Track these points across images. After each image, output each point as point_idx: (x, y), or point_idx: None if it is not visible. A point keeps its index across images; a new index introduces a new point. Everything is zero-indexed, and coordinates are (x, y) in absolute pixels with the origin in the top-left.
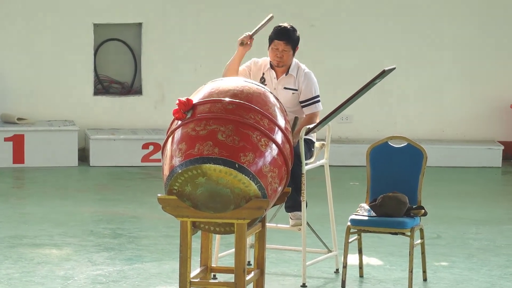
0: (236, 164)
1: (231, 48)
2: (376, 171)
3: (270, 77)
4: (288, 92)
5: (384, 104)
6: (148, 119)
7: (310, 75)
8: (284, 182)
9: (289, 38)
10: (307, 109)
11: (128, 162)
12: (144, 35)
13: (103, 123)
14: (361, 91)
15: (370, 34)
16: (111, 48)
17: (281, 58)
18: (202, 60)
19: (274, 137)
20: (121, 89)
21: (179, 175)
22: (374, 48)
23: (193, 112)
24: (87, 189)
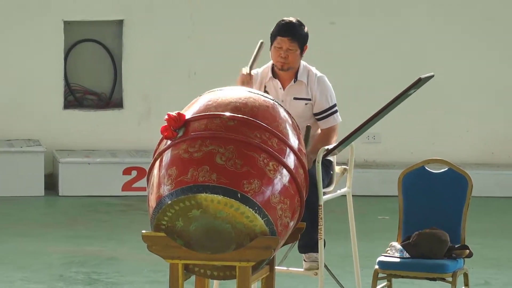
0: (239, 193)
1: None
2: (410, 202)
3: (275, 88)
4: (300, 104)
5: (420, 120)
6: (130, 138)
7: (323, 79)
8: (297, 216)
9: (295, 34)
10: (323, 123)
11: (105, 191)
12: (125, 35)
13: (75, 143)
14: (392, 103)
15: (403, 33)
16: (85, 51)
17: (285, 58)
18: (197, 66)
19: (285, 160)
20: (97, 101)
21: (169, 207)
22: (409, 50)
23: (185, 130)
24: (55, 224)
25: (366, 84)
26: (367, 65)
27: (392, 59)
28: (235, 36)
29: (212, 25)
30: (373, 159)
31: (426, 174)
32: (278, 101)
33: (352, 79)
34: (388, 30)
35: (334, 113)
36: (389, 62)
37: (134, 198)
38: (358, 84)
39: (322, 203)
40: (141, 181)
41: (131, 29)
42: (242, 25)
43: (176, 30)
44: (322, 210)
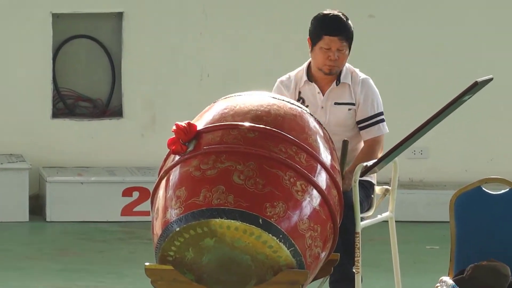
0: (260, 219)
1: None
2: (464, 229)
3: (312, 93)
4: (343, 109)
5: (476, 132)
6: (131, 153)
7: (369, 83)
8: (330, 245)
9: (345, 32)
10: (366, 132)
11: (102, 216)
12: (126, 30)
13: (66, 158)
14: (443, 112)
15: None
16: (78, 49)
17: (335, 61)
18: (211, 67)
19: (316, 179)
20: (92, 109)
21: (177, 235)
22: (464, 49)
23: (197, 143)
24: (42, 256)
25: (412, 89)
26: (413, 66)
27: (443, 60)
28: (256, 32)
29: (229, 18)
30: (420, 178)
31: (484, 196)
32: (307, 109)
33: (396, 82)
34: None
35: (380, 122)
36: (440, 63)
37: (136, 224)
38: (402, 88)
39: (360, 230)
40: (144, 204)
41: (132, 24)
42: (264, 18)
43: (186, 24)
44: (359, 239)
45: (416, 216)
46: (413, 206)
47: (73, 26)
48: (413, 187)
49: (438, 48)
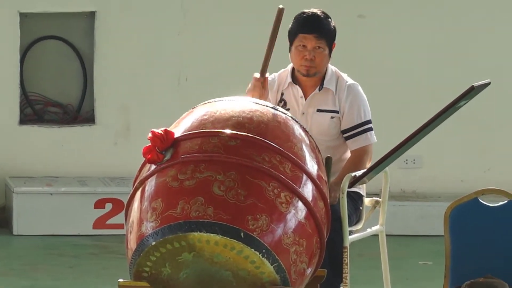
0: (242, 232)
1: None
2: (459, 244)
3: (295, 97)
4: (325, 117)
5: (472, 140)
6: (104, 161)
7: (356, 89)
8: (316, 261)
9: (322, 29)
10: (354, 142)
11: (72, 229)
12: (98, 31)
13: (34, 168)
14: (437, 118)
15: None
16: (47, 51)
17: (312, 61)
18: (189, 70)
19: (301, 190)
20: (62, 114)
21: (153, 250)
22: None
23: (174, 152)
24: (9, 271)
25: (403, 94)
26: (406, 70)
27: (438, 63)
28: (238, 32)
29: (209, 18)
30: (412, 188)
31: (480, 208)
32: (292, 115)
33: (386, 87)
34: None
35: (368, 130)
36: (434, 67)
37: (109, 237)
38: (393, 94)
39: (348, 245)
40: (118, 217)
41: (105, 24)
42: (247, 18)
43: (163, 24)
44: (348, 254)
45: (408, 230)
46: (405, 219)
47: (42, 27)
48: (405, 199)
49: (433, 50)
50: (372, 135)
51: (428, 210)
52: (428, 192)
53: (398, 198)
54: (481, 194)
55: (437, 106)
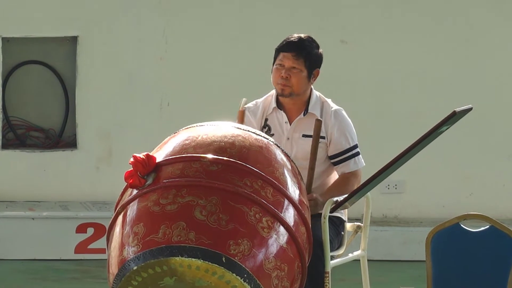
0: (223, 257)
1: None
2: (441, 269)
3: (279, 122)
4: (309, 142)
5: (454, 165)
6: (86, 186)
7: (342, 114)
8: (298, 286)
9: (301, 50)
10: (341, 167)
11: (54, 254)
12: (80, 56)
13: (16, 192)
14: (419, 143)
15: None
16: (30, 76)
17: (286, 79)
18: (171, 95)
19: (283, 215)
20: (44, 139)
21: (134, 274)
22: (440, 76)
23: (156, 176)
24: None
25: (386, 119)
26: (388, 94)
27: (420, 88)
28: (220, 58)
29: (191, 44)
30: (394, 214)
31: (462, 233)
32: (273, 140)
33: (368, 112)
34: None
35: (356, 155)
36: (416, 91)
37: (91, 262)
38: (375, 119)
39: (330, 270)
40: (100, 241)
41: (87, 48)
42: (229, 44)
43: (145, 49)
44: (329, 279)
45: (390, 255)
46: (387, 244)
47: (24, 51)
48: (387, 224)
49: (415, 75)
50: (360, 159)
51: (410, 235)
52: (410, 217)
53: (380, 223)
54: (463, 219)
55: (419, 131)
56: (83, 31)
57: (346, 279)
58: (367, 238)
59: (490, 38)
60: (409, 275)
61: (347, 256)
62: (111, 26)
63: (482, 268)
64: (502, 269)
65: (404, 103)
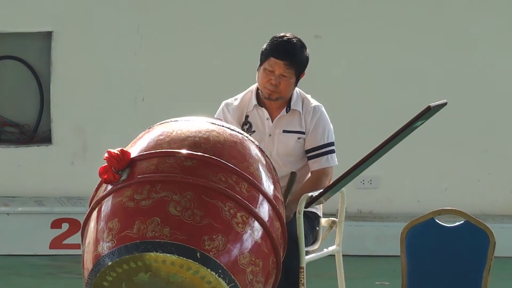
0: (198, 252)
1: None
2: (416, 264)
3: (260, 119)
4: (292, 138)
5: (429, 160)
6: (61, 181)
7: (321, 110)
8: (272, 281)
9: (294, 59)
10: (314, 163)
11: (28, 249)
12: (55, 51)
13: None
14: (394, 138)
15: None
16: (4, 71)
17: (276, 86)
18: (146, 90)
19: (257, 210)
20: (19, 134)
21: (109, 270)
22: (415, 71)
23: (130, 172)
24: None
25: (360, 115)
26: (362, 89)
27: (395, 83)
28: (195, 53)
29: (166, 38)
30: (369, 209)
31: (437, 228)
32: (248, 135)
33: (343, 108)
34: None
35: (329, 153)
36: (391, 87)
37: (65, 257)
38: (350, 114)
39: (304, 265)
40: (74, 237)
41: (61, 44)
42: (204, 38)
43: (120, 44)
44: (304, 274)
45: (365, 250)
46: (362, 239)
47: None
48: (361, 219)
49: (389, 70)
50: (333, 157)
51: (385, 231)
52: (385, 213)
53: (355, 219)
54: (437, 215)
55: (394, 126)
56: (57, 26)
57: (321, 274)
58: (342, 233)
59: (466, 32)
60: (384, 270)
61: (322, 252)
62: (86, 21)
63: (457, 263)
64: (477, 264)
65: (378, 98)
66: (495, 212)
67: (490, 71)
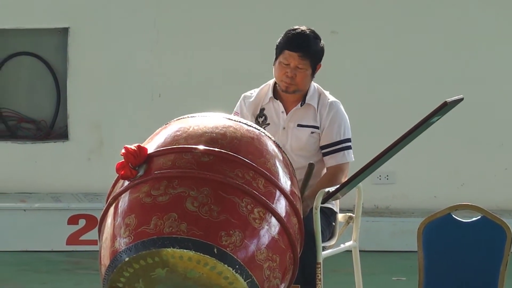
0: (215, 248)
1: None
2: (433, 260)
3: (276, 112)
4: (305, 132)
5: (445, 156)
6: (77, 178)
7: (337, 106)
8: (289, 277)
9: (307, 49)
10: (330, 159)
11: (45, 245)
12: (71, 47)
13: (7, 184)
14: (410, 134)
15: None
16: (20, 67)
17: (292, 79)
18: (162, 86)
19: (274, 206)
20: (35, 131)
21: (126, 266)
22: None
23: (147, 168)
24: None
25: (376, 110)
26: (378, 85)
27: (411, 78)
28: (212, 49)
29: (182, 34)
30: (386, 204)
31: (454, 224)
32: (265, 131)
33: (359, 103)
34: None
35: (346, 149)
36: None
37: (82, 253)
38: (366, 109)
39: (321, 261)
40: (91, 233)
41: (78, 40)
42: (221, 34)
43: (136, 41)
44: (321, 270)
45: (382, 246)
46: (379, 235)
47: (15, 43)
48: (378, 215)
49: (406, 65)
50: (349, 153)
51: (402, 226)
52: (402, 208)
53: (372, 214)
54: (454, 210)
55: (411, 121)
56: (74, 22)
57: (337, 269)
58: (358, 228)
59: (480, 28)
60: (401, 265)
61: (338, 247)
62: (102, 17)
63: (474, 258)
64: (494, 259)
65: (395, 93)
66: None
67: (506, 66)
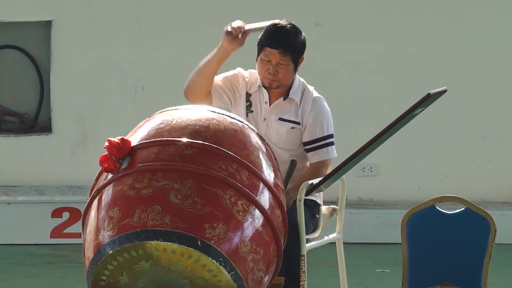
0: (199, 240)
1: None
2: (416, 251)
3: (260, 101)
4: (285, 126)
5: (429, 148)
6: (61, 171)
7: (321, 102)
8: (273, 269)
9: (287, 46)
10: (314, 155)
11: (29, 238)
12: (55, 40)
13: None
14: (393, 126)
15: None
16: (4, 61)
17: (274, 75)
18: (146, 79)
19: (258, 198)
20: (19, 124)
21: (110, 259)
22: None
23: (131, 160)
24: None
25: (360, 103)
26: (362, 78)
27: (394, 70)
28: (195, 41)
29: (166, 27)
30: (369, 196)
31: (438, 216)
32: (249, 124)
33: (343, 95)
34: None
35: (329, 145)
36: (390, 75)
37: (66, 247)
38: (350, 103)
39: (305, 253)
40: (75, 226)
41: (61, 33)
42: (204, 26)
43: (120, 33)
44: (305, 262)
45: (366, 238)
46: (363, 227)
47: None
48: (362, 207)
49: (389, 58)
50: (333, 149)
51: (385, 218)
52: (385, 200)
53: (355, 206)
54: (438, 202)
55: (394, 113)
56: (57, 15)
57: (321, 262)
58: (342, 221)
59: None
60: (385, 257)
61: (322, 239)
62: (86, 10)
63: (458, 250)
64: (478, 251)
65: (378, 85)
66: (495, 199)
67: (489, 58)
